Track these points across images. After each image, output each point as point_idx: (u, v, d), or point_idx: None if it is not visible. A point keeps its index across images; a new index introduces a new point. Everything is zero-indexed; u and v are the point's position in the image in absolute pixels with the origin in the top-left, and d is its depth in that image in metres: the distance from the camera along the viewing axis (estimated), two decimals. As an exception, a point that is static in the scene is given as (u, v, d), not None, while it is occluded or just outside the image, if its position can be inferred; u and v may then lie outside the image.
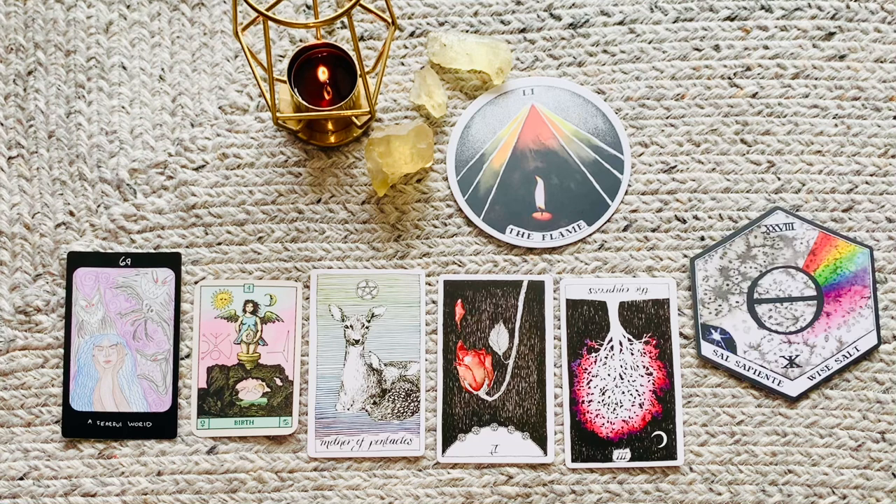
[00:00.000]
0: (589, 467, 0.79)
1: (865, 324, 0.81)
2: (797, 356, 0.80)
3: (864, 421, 0.80)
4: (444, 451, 0.79)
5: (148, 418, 0.79)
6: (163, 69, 0.84)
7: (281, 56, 0.84)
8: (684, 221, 0.82)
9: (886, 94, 0.84)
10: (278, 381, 0.80)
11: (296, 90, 0.79)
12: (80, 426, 0.79)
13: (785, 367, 0.80)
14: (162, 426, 0.79)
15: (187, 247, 0.81)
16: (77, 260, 0.81)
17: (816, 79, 0.84)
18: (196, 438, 0.80)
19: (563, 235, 0.82)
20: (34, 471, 0.79)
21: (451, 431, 0.80)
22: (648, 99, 0.84)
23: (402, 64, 0.84)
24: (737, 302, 0.81)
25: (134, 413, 0.79)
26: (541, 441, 0.80)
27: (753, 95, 0.84)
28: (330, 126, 0.82)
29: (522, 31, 0.84)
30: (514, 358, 0.81)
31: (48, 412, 0.80)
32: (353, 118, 0.82)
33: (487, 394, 0.80)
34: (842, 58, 0.84)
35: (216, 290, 0.81)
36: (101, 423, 0.79)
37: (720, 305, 0.81)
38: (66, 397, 0.79)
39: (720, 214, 0.82)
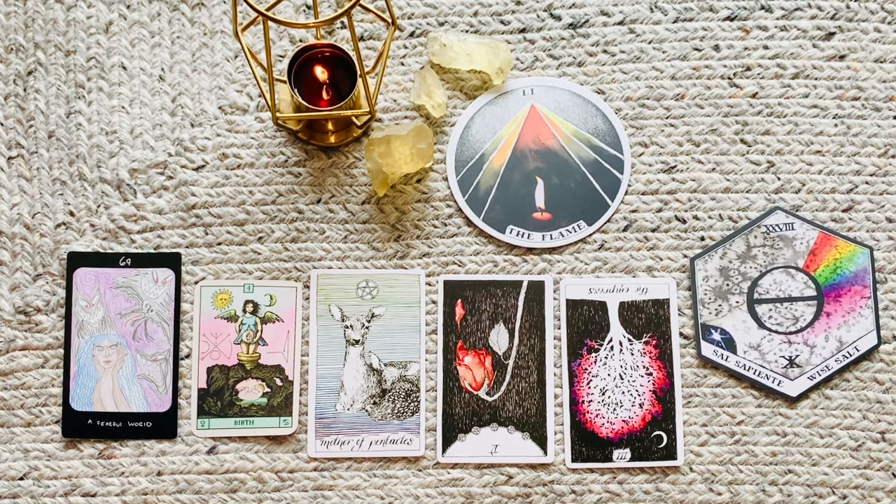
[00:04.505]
0: (589, 467, 0.79)
1: (865, 324, 0.81)
2: (797, 356, 0.80)
3: (864, 421, 0.80)
4: (444, 451, 0.79)
5: (148, 418, 0.79)
6: (163, 69, 0.84)
7: (281, 56, 0.84)
8: (684, 221, 0.82)
9: (886, 94, 0.84)
10: (278, 381, 0.80)
11: (296, 90, 0.79)
12: (80, 426, 0.79)
13: (785, 367, 0.80)
14: (162, 426, 0.79)
15: (187, 247, 0.82)
16: (77, 260, 0.81)
17: (816, 79, 0.84)
18: (196, 438, 0.80)
19: (563, 235, 0.82)
20: (34, 471, 0.79)
21: (451, 431, 0.80)
22: (648, 99, 0.84)
23: (402, 64, 0.84)
24: (737, 302, 0.81)
25: (134, 413, 0.79)
26: (541, 441, 0.80)
27: (753, 95, 0.84)
28: (330, 126, 0.82)
29: (522, 31, 0.84)
30: (514, 358, 0.81)
31: (48, 412, 0.80)
32: (353, 118, 0.82)
33: (487, 394, 0.80)
34: (842, 58, 0.84)
35: (216, 290, 0.81)
36: (101, 423, 0.79)
37: (720, 305, 0.81)
38: (66, 397, 0.79)
39: (720, 214, 0.82)
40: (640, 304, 0.81)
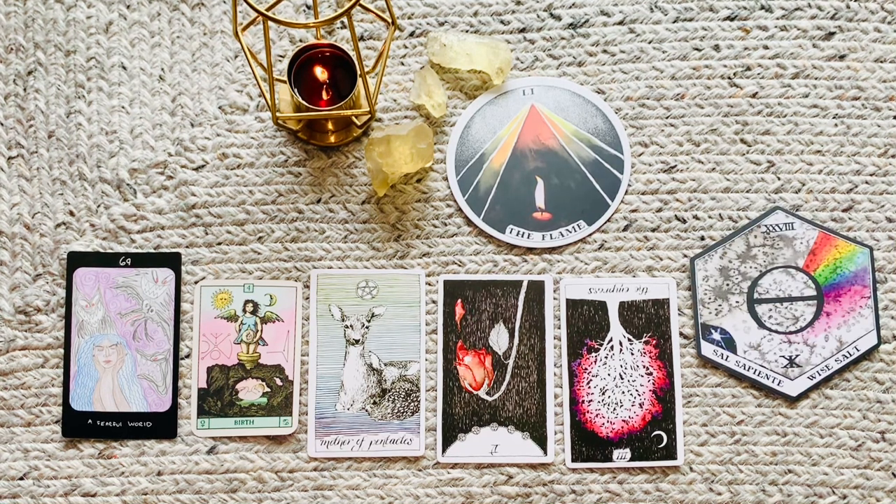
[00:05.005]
0: (589, 467, 0.79)
1: (865, 324, 0.81)
2: (797, 356, 0.80)
3: (864, 421, 0.80)
4: (444, 451, 0.79)
5: (148, 418, 0.79)
6: (163, 69, 0.84)
7: (281, 56, 0.84)
8: (684, 221, 0.82)
9: (886, 94, 0.84)
10: (278, 381, 0.80)
11: (296, 90, 0.79)
12: (80, 426, 0.79)
13: (785, 366, 0.80)
14: (162, 426, 0.79)
15: (187, 247, 0.82)
16: (77, 260, 0.81)
17: (816, 79, 0.84)
18: (196, 438, 0.80)
19: (563, 235, 0.82)
20: (34, 471, 0.79)
21: (451, 431, 0.80)
22: (648, 99, 0.84)
23: (402, 64, 0.84)
24: (737, 302, 0.81)
25: (134, 413, 0.79)
26: (541, 441, 0.80)
27: (753, 95, 0.84)
28: (330, 126, 0.82)
29: (522, 31, 0.85)
30: (514, 358, 0.81)
31: (48, 412, 0.80)
32: (353, 118, 0.82)
33: (487, 394, 0.80)
34: (842, 58, 0.84)
35: (216, 290, 0.81)
36: (101, 423, 0.79)
37: (720, 305, 0.81)
38: (66, 397, 0.79)
39: (720, 214, 0.82)
40: (640, 303, 0.81)
